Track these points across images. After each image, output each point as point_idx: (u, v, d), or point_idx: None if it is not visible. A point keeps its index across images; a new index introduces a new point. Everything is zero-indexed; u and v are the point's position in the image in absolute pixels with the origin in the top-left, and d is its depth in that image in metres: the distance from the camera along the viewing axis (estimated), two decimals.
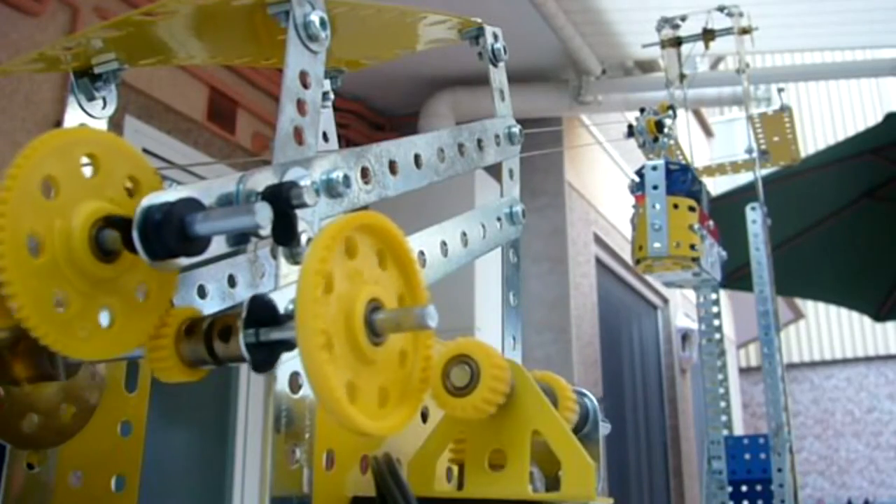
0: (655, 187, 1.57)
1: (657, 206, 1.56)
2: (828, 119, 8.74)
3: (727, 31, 2.08)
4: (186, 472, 2.53)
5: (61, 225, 0.42)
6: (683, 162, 1.94)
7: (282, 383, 0.47)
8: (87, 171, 0.44)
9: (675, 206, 1.57)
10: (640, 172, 1.61)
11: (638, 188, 1.60)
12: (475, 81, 3.11)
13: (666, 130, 1.56)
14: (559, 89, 3.35)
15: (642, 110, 1.61)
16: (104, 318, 0.44)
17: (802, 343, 8.83)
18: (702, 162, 2.52)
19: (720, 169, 2.38)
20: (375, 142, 0.57)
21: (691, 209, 1.58)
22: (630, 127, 1.58)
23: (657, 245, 1.54)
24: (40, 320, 0.41)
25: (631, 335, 4.45)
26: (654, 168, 1.58)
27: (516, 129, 0.74)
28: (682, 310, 4.96)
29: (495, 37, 0.74)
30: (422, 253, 0.61)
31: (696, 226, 1.57)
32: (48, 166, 0.42)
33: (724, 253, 1.79)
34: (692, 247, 1.56)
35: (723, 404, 1.95)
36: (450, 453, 0.60)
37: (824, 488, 8.41)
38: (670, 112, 1.59)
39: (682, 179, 1.59)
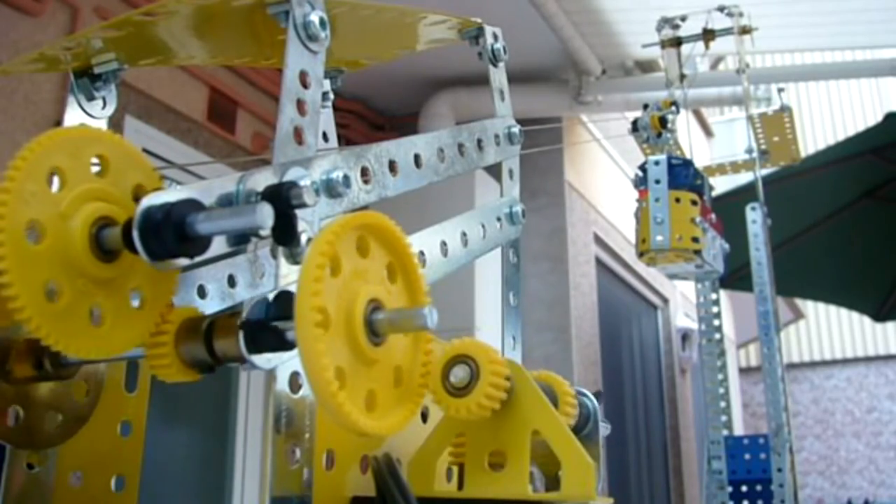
0: (658, 181, 1.59)
1: (659, 200, 1.58)
2: (828, 119, 8.74)
3: (727, 31, 2.08)
4: (186, 472, 2.53)
5: (63, 217, 0.42)
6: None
7: (282, 383, 0.47)
8: (95, 171, 0.44)
9: (678, 200, 1.59)
10: (643, 167, 1.63)
11: (641, 182, 1.63)
12: (475, 81, 3.11)
13: (669, 126, 1.59)
14: (559, 89, 3.34)
15: (646, 106, 1.62)
16: (94, 317, 0.44)
17: (802, 343, 8.83)
18: (702, 162, 2.51)
19: (720, 169, 2.38)
20: (375, 142, 0.57)
21: (693, 203, 1.60)
22: (634, 122, 1.60)
23: (660, 238, 1.57)
24: (33, 310, 0.41)
25: (631, 335, 4.45)
26: (657, 163, 1.60)
27: (516, 129, 0.74)
28: (682, 310, 4.96)
29: (495, 37, 0.74)
30: (422, 253, 0.61)
31: (698, 219, 1.59)
32: (56, 158, 0.42)
33: (726, 245, 1.80)
34: (694, 239, 1.58)
35: (723, 404, 1.95)
36: (450, 453, 0.60)
37: (824, 488, 8.41)
38: (673, 108, 1.60)
39: (684, 174, 1.62)
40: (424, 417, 0.63)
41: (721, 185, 3.71)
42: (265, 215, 0.42)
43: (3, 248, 0.39)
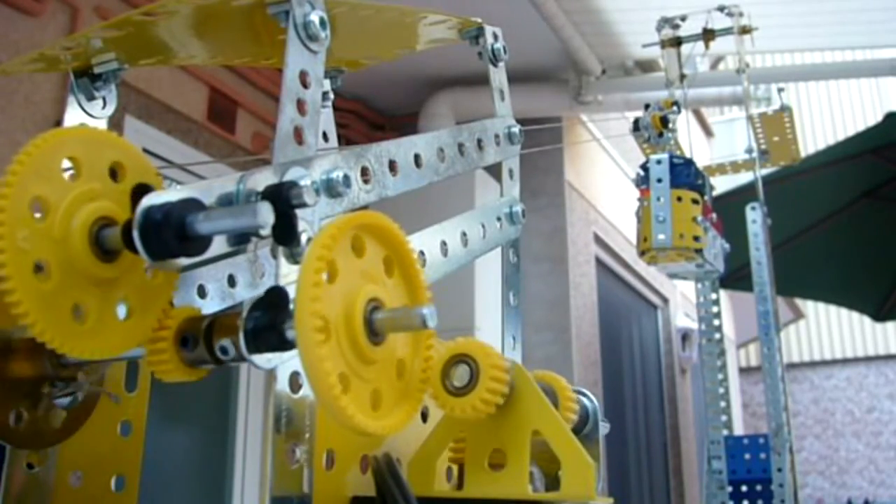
0: (660, 180, 1.60)
1: (661, 199, 1.59)
2: (828, 119, 8.74)
3: (727, 31, 2.08)
4: (186, 472, 2.53)
5: (60, 240, 0.42)
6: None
7: (282, 383, 0.47)
8: (70, 174, 0.44)
9: (679, 199, 1.60)
10: (644, 166, 1.63)
11: (643, 181, 1.63)
12: (475, 81, 3.11)
13: (670, 125, 1.59)
14: (559, 89, 3.34)
15: (647, 106, 1.63)
16: (121, 311, 0.45)
17: (802, 343, 8.83)
18: (702, 162, 2.52)
19: (720, 169, 2.38)
20: (375, 142, 0.57)
21: (695, 202, 1.61)
22: (636, 122, 1.60)
23: (661, 237, 1.57)
24: (65, 339, 0.42)
25: (631, 335, 4.45)
26: (659, 161, 1.61)
27: (516, 129, 0.74)
28: (682, 310, 4.96)
29: (495, 37, 0.74)
30: (422, 253, 0.61)
31: (700, 218, 1.60)
32: (33, 188, 0.42)
33: (727, 245, 1.80)
34: (695, 238, 1.59)
35: (723, 404, 1.95)
36: (450, 453, 0.60)
37: (824, 488, 8.41)
38: (675, 108, 1.61)
39: (685, 173, 1.62)
40: (424, 417, 0.63)
41: (721, 185, 3.71)
42: (265, 215, 0.42)
43: (23, 306, 0.40)
